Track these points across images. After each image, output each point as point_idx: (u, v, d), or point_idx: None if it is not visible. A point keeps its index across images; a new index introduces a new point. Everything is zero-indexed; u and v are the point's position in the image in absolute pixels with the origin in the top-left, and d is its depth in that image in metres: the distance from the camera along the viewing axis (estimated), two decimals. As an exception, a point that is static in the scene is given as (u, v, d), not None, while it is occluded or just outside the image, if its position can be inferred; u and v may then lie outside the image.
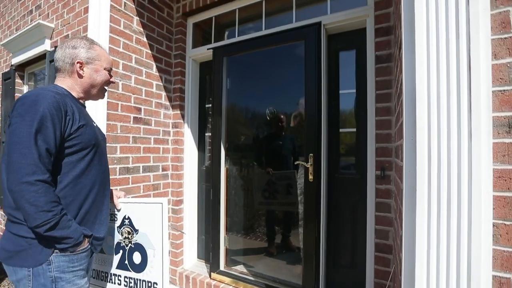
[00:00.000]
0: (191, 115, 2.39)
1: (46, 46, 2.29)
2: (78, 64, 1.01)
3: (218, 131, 2.15)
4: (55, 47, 1.69)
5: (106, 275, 1.19)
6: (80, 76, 1.03)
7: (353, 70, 1.78)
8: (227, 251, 2.20)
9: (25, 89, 2.87)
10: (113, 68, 1.23)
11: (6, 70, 2.91)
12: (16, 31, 2.71)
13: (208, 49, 2.22)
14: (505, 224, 0.75)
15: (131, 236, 1.19)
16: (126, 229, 1.20)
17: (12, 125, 0.83)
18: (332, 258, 1.82)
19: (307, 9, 1.91)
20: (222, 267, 2.16)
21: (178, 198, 2.32)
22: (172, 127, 2.34)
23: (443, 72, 0.79)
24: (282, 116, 2.09)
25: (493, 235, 0.76)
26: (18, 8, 2.72)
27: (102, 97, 1.13)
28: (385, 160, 1.47)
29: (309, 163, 1.72)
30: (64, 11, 2.21)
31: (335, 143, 1.83)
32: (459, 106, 0.77)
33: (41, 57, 2.43)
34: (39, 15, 2.44)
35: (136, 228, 1.20)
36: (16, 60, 2.65)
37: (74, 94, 1.03)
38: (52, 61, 1.90)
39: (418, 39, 0.83)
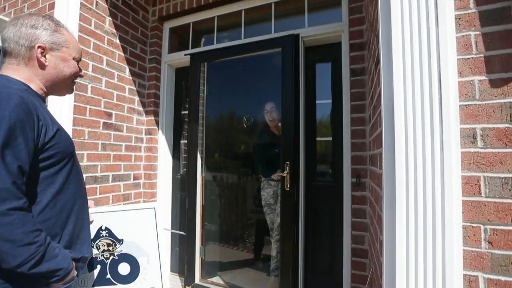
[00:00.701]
0: (166, 122, 2.30)
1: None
2: (40, 49, 0.77)
3: (194, 138, 2.09)
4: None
5: (77, 297, 1.07)
6: (42, 66, 0.79)
7: (329, 82, 1.87)
8: (203, 262, 2.12)
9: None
10: (82, 70, 0.99)
11: None
12: (-38, 23, 2.41)
13: (185, 54, 2.18)
14: (472, 226, 0.82)
15: (113, 248, 1.10)
16: (104, 241, 1.10)
17: None
18: (310, 264, 1.84)
19: (286, 21, 1.97)
20: (197, 279, 2.07)
21: (150, 209, 2.19)
22: (146, 134, 2.23)
23: (417, 87, 0.86)
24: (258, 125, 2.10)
25: (462, 237, 0.82)
26: (-33, -2, 2.43)
27: (71, 92, 0.91)
28: (360, 168, 1.55)
29: (286, 172, 1.73)
30: (24, 6, 2.02)
31: (312, 152, 1.88)
32: (432, 119, 0.84)
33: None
34: (-7, 8, 2.20)
35: (120, 238, 1.11)
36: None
37: (34, 88, 0.79)
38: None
39: (395, 57, 0.89)
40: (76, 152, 1.68)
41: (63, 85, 0.86)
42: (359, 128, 1.57)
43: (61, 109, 1.63)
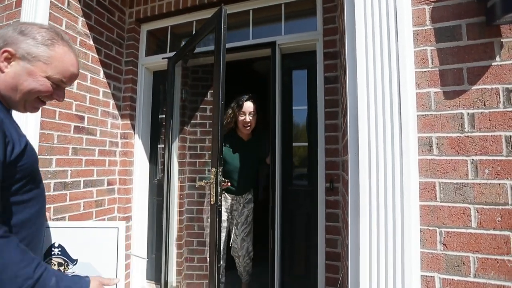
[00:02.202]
0: (143, 126, 2.25)
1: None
2: (5, 54, 0.72)
3: (169, 142, 2.06)
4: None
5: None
6: (0, 70, 0.72)
7: (305, 88, 1.92)
8: (183, 269, 2.08)
9: None
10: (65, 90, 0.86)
11: None
12: None
13: (163, 58, 2.15)
14: (429, 229, 0.87)
15: (64, 268, 1.02)
16: (55, 260, 1.01)
17: None
18: (287, 268, 1.86)
19: (263, 28, 2.00)
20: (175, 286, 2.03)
21: (125, 215, 2.13)
22: (121, 138, 2.17)
23: (379, 97, 0.90)
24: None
25: (420, 239, 0.87)
26: None
27: (32, 111, 0.80)
28: (333, 173, 1.60)
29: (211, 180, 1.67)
30: (-10, 3, 1.91)
31: (288, 157, 1.91)
32: (393, 127, 0.88)
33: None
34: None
35: (74, 257, 1.03)
36: None
37: None
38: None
39: (359, 68, 0.94)
40: (43, 156, 1.62)
41: (20, 99, 0.75)
42: (332, 134, 1.62)
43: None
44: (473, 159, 0.85)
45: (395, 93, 0.89)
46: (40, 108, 0.84)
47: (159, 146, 2.32)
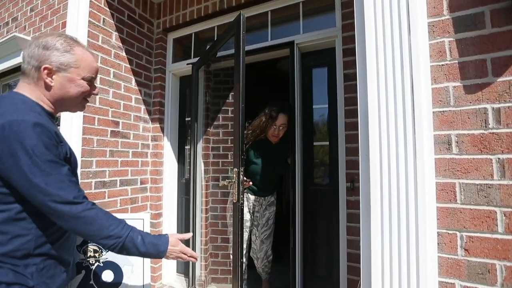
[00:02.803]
0: (171, 128, 2.40)
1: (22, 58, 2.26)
2: (46, 71, 0.81)
3: (195, 143, 2.17)
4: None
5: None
6: (48, 87, 0.82)
7: (325, 86, 1.88)
8: (208, 264, 2.18)
9: None
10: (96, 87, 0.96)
11: (-21, 81, 2.82)
12: (-9, 42, 2.66)
13: (187, 64, 2.27)
14: (448, 233, 0.82)
15: (99, 255, 1.17)
16: (91, 247, 1.17)
17: (11, 169, 0.71)
18: (309, 268, 1.85)
19: (282, 28, 2.01)
20: (202, 281, 2.14)
21: (157, 212, 2.30)
22: (152, 140, 2.34)
23: (390, 95, 0.87)
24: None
25: (438, 244, 0.82)
26: (-6, 19, 2.68)
27: (82, 109, 0.95)
28: (354, 173, 1.55)
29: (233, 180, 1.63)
30: (41, 25, 2.20)
31: (309, 156, 1.89)
32: (405, 126, 0.84)
33: (16, 69, 2.39)
34: (15, 27, 2.41)
35: None
36: (-10, 71, 2.59)
37: (45, 107, 0.84)
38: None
39: (369, 64, 0.91)
40: (85, 159, 1.82)
41: (71, 104, 0.89)
42: (352, 133, 1.57)
43: (71, 119, 1.76)
44: (499, 158, 0.77)
45: (407, 89, 0.85)
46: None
47: (186, 147, 2.46)
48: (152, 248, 0.85)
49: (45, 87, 0.83)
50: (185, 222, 2.38)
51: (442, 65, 0.86)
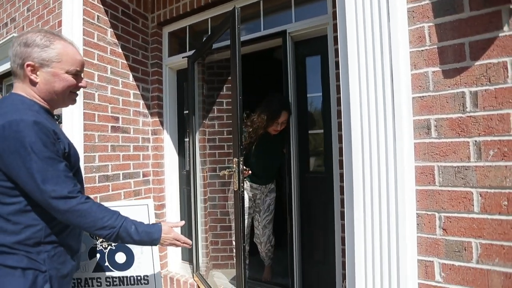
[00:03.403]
0: (170, 122, 2.45)
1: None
2: (29, 68, 0.82)
3: (193, 135, 2.22)
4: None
5: (80, 280, 1.24)
6: (33, 83, 0.84)
7: (319, 75, 1.88)
8: (209, 252, 2.27)
9: (4, 101, 2.87)
10: (83, 76, 0.99)
11: (-16, 82, 2.90)
12: (-8, 43, 2.72)
13: (183, 57, 2.29)
14: (427, 214, 0.86)
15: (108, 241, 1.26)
16: None
17: (12, 165, 0.76)
18: (307, 253, 1.92)
19: (274, 17, 2.00)
20: (204, 267, 2.23)
21: (160, 203, 2.38)
22: (152, 134, 2.40)
23: (371, 83, 0.89)
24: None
25: (417, 224, 0.86)
26: (-7, 20, 2.73)
27: (72, 103, 0.97)
28: (347, 159, 1.58)
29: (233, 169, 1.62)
30: (38, 24, 2.24)
31: (304, 144, 1.92)
32: (385, 112, 0.87)
33: (18, 69, 2.45)
34: (14, 28, 2.46)
35: None
36: (-7, 72, 2.66)
37: (41, 103, 0.88)
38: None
39: (350, 51, 0.93)
40: (88, 154, 1.89)
41: (59, 98, 0.90)
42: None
43: (72, 117, 1.83)
44: (475, 140, 0.80)
45: (387, 76, 0.87)
46: (77, 99, 0.98)
47: (185, 139, 2.51)
48: (146, 236, 0.91)
49: (31, 83, 0.85)
50: (187, 212, 2.46)
51: (422, 50, 0.87)
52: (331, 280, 1.77)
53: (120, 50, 2.14)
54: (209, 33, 2.28)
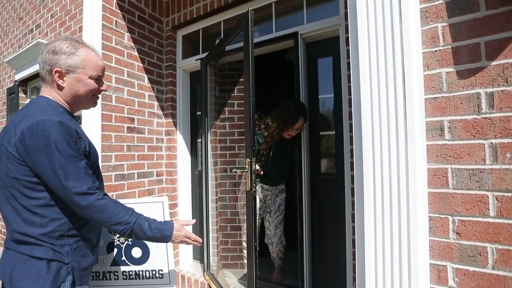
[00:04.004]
0: (183, 123, 2.51)
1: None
2: (57, 74, 0.89)
3: (205, 136, 2.26)
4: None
5: (98, 274, 1.30)
6: (60, 88, 0.92)
7: (330, 76, 1.88)
8: (219, 251, 2.30)
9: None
10: (103, 80, 1.02)
11: (11, 85, 3.08)
12: (18, 48, 2.89)
13: (196, 59, 2.34)
14: (440, 217, 0.84)
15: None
16: None
17: (38, 163, 0.81)
18: (317, 255, 1.91)
19: (286, 19, 2.01)
20: (215, 267, 2.26)
21: (173, 202, 2.44)
22: (165, 135, 2.46)
23: (382, 82, 0.89)
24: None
25: (430, 228, 0.85)
26: (20, 27, 2.89)
27: (93, 105, 1.04)
28: (358, 161, 1.56)
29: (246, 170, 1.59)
30: (61, 30, 2.36)
31: (316, 146, 1.92)
32: (397, 114, 0.86)
33: (41, 72, 2.59)
34: (39, 34, 2.60)
35: None
36: (19, 76, 2.82)
37: (65, 106, 0.94)
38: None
39: (361, 52, 0.93)
40: (105, 153, 1.96)
41: (82, 101, 0.98)
42: (356, 122, 1.57)
43: (91, 118, 1.91)
44: (491, 143, 0.78)
45: (399, 77, 0.86)
46: (98, 101, 1.05)
47: (198, 140, 2.56)
48: (158, 232, 0.95)
49: (58, 88, 0.92)
50: (199, 211, 2.51)
51: (435, 51, 0.86)
52: (341, 283, 1.75)
53: (136, 54, 2.22)
54: (222, 36, 2.32)
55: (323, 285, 1.88)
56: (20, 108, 2.94)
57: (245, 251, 1.98)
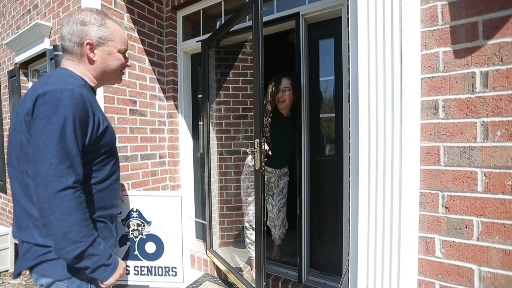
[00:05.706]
0: (185, 105, 2.52)
1: (46, 44, 2.43)
2: (88, 46, 0.85)
3: (207, 119, 2.28)
4: (54, 45, 1.80)
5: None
6: (91, 61, 0.87)
7: (331, 58, 1.87)
8: (221, 230, 2.39)
9: (30, 85, 3.04)
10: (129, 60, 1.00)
11: (11, 68, 3.08)
12: (17, 30, 2.86)
13: (197, 41, 2.32)
14: (430, 193, 0.88)
15: (142, 228, 1.27)
16: (134, 221, 1.26)
17: (35, 129, 0.73)
18: (315, 234, 1.98)
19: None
20: (216, 246, 2.36)
21: (175, 183, 2.50)
22: (167, 117, 2.49)
23: (380, 61, 0.90)
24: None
25: (420, 202, 0.89)
26: (17, 7, 2.85)
27: (120, 81, 0.99)
28: (356, 143, 1.59)
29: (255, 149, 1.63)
30: (59, 10, 2.33)
31: (316, 128, 1.94)
32: (393, 93, 0.88)
33: (42, 55, 2.58)
34: (37, 14, 2.57)
35: (148, 220, 1.26)
36: (20, 58, 2.81)
37: (88, 81, 0.88)
38: (52, 58, 2.05)
39: (360, 31, 0.93)
40: (108, 135, 1.98)
41: (111, 76, 0.93)
42: (356, 104, 1.59)
43: (93, 99, 1.93)
44: (483, 121, 0.80)
45: (396, 56, 0.87)
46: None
47: (199, 123, 2.58)
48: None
49: (88, 61, 0.87)
50: (201, 193, 2.58)
51: (434, 30, 0.86)
52: (338, 259, 1.83)
53: (136, 35, 2.20)
54: (223, 16, 2.29)
55: (320, 262, 1.97)
56: (22, 91, 2.96)
57: (246, 231, 2.06)
